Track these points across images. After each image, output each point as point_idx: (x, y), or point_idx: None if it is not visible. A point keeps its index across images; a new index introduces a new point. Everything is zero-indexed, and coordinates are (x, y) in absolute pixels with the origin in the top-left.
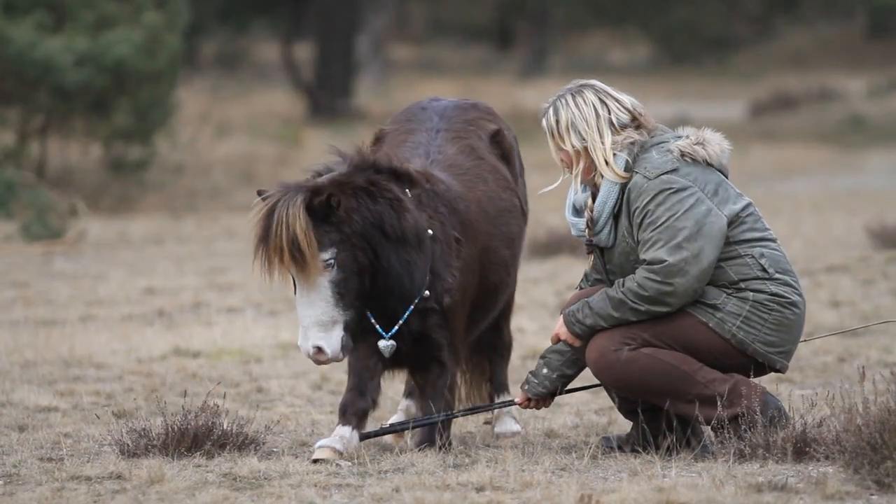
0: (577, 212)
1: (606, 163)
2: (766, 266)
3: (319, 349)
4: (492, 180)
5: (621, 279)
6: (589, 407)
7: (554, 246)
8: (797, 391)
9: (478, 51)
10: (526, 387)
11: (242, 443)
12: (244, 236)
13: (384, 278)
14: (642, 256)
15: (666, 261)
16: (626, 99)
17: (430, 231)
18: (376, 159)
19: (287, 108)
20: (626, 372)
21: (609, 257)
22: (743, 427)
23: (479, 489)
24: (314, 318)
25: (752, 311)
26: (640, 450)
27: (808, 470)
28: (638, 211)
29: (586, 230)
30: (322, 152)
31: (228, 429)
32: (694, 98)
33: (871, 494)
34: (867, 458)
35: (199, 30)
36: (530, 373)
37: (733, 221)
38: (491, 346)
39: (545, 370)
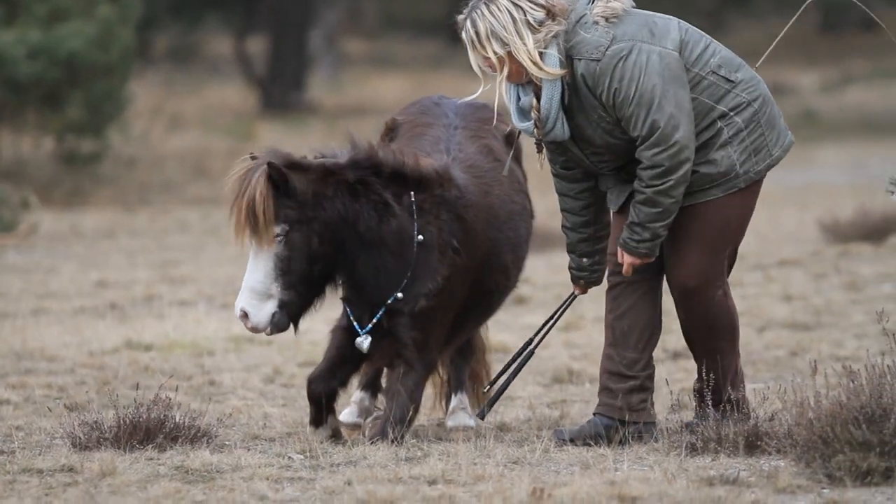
0: (524, 115)
1: (534, 63)
2: (726, 76)
3: (245, 315)
4: (507, 183)
5: (635, 184)
6: (541, 400)
7: None
8: (749, 385)
9: (430, 45)
10: (581, 281)
11: (195, 436)
12: (196, 229)
13: (350, 275)
14: (635, 133)
15: (658, 126)
16: None
17: (419, 237)
18: (381, 160)
19: (240, 101)
20: (709, 312)
21: (587, 144)
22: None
23: (432, 482)
24: (250, 284)
25: (752, 141)
26: (592, 443)
27: (760, 464)
28: (605, 94)
29: (535, 130)
30: (274, 145)
31: (181, 422)
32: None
33: (823, 488)
34: (819, 452)
35: (151, 23)
36: (571, 268)
37: (680, 47)
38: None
39: (585, 260)
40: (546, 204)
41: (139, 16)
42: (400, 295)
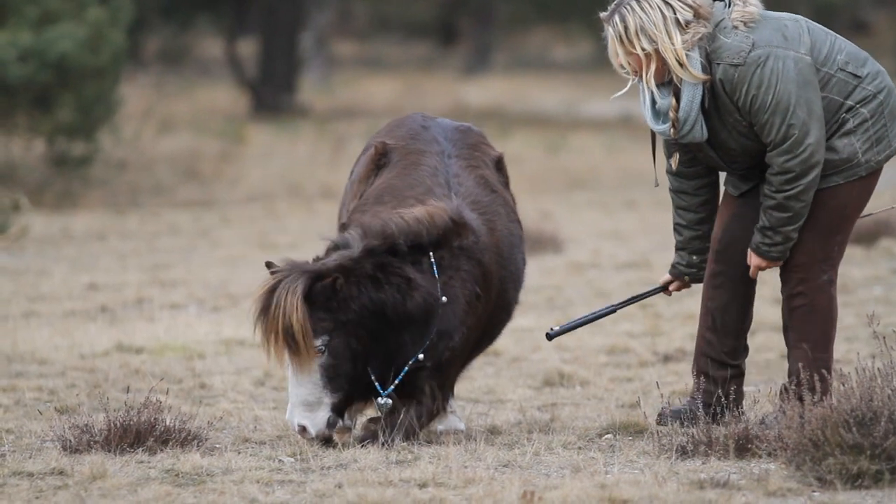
0: (659, 116)
1: (680, 64)
2: (853, 71)
3: (304, 429)
4: (504, 214)
5: (765, 189)
6: (531, 403)
7: None
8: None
9: (421, 47)
10: (686, 278)
11: (185, 439)
12: (187, 232)
13: (378, 349)
14: (768, 139)
15: (792, 133)
16: None
17: (443, 298)
18: (395, 235)
19: (230, 104)
20: (811, 296)
21: (723, 149)
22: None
23: (422, 485)
24: (301, 398)
25: (875, 131)
26: (690, 424)
27: (751, 467)
28: (742, 99)
29: (671, 131)
30: (265, 148)
31: (171, 425)
32: (637, 96)
33: (813, 491)
34: (809, 455)
35: (142, 26)
36: (679, 264)
37: (811, 51)
38: None
39: (695, 258)
40: (538, 206)
41: (130, 18)
42: (421, 356)
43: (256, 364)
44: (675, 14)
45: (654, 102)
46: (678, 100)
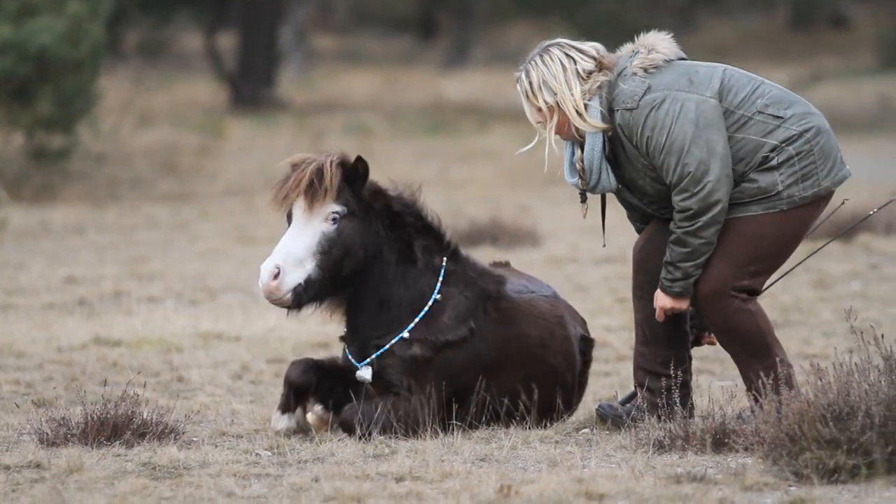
0: (573, 170)
1: (578, 113)
2: (774, 113)
3: (277, 272)
4: (551, 321)
5: (670, 224)
6: None
7: (476, 236)
8: (717, 382)
9: (401, 41)
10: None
11: (162, 432)
12: (166, 226)
13: (354, 305)
14: (667, 180)
15: (688, 172)
16: (589, 46)
17: (438, 296)
18: (422, 211)
19: (210, 97)
20: (728, 320)
21: (643, 194)
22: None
23: (399, 479)
24: (290, 248)
25: (802, 167)
26: (634, 423)
27: (728, 461)
28: (640, 142)
29: (579, 181)
30: (244, 141)
31: (148, 418)
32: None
33: (790, 486)
34: (786, 450)
35: (122, 19)
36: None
37: (721, 93)
38: None
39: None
40: (516, 200)
41: (109, 11)
42: (406, 335)
43: (234, 357)
44: (575, 65)
45: (572, 156)
46: (582, 150)
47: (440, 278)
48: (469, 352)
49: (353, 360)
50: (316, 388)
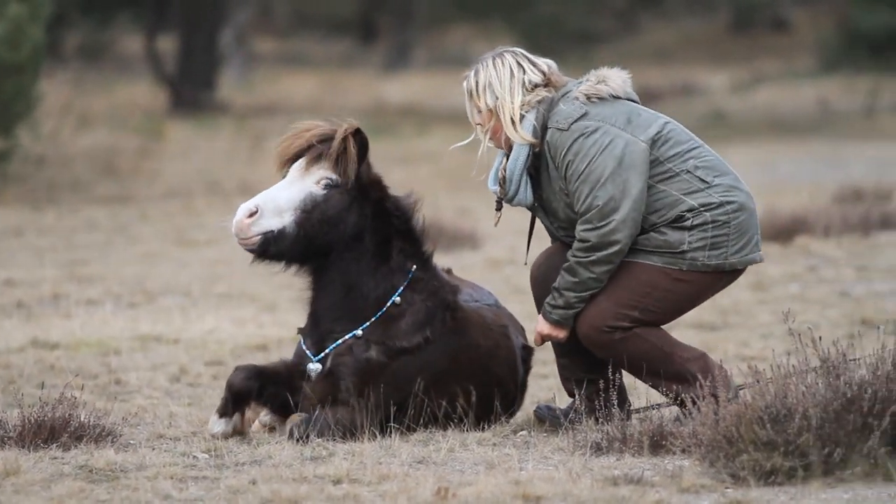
0: (496, 178)
1: (512, 122)
2: (703, 177)
3: (256, 211)
4: (495, 332)
5: (568, 252)
6: None
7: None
8: None
9: (341, 44)
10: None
11: (99, 435)
12: (105, 228)
13: (332, 287)
14: (576, 208)
15: (596, 205)
16: (542, 62)
17: (397, 299)
18: (409, 215)
19: (150, 100)
20: (614, 350)
21: (554, 217)
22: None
23: (337, 482)
24: (272, 195)
25: (714, 235)
26: (571, 425)
27: (665, 463)
28: (560, 164)
29: (499, 189)
30: (184, 144)
31: (86, 420)
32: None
33: (727, 488)
34: (723, 452)
35: (61, 21)
36: (548, 303)
37: (655, 142)
38: None
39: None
40: (455, 203)
41: (50, 14)
42: (360, 333)
43: (172, 360)
44: (524, 75)
45: (499, 164)
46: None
47: (405, 283)
48: (421, 360)
49: (308, 353)
50: (259, 393)
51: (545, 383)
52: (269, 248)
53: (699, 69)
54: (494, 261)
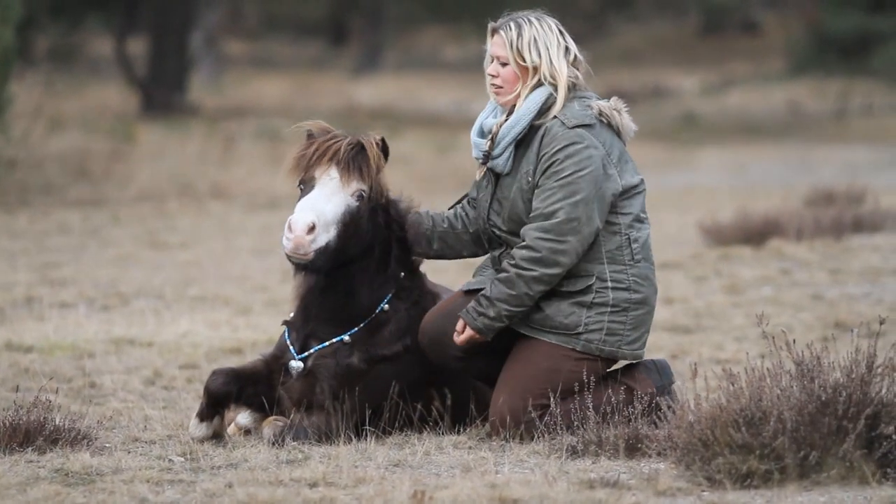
0: (483, 134)
1: (557, 76)
2: (634, 250)
3: (313, 226)
4: None
5: (505, 262)
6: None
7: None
8: None
9: (312, 47)
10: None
11: (75, 438)
12: (77, 231)
13: (336, 293)
14: (536, 207)
15: (560, 217)
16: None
17: (385, 306)
18: (405, 221)
19: (120, 103)
20: (532, 426)
21: (502, 188)
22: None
23: (313, 485)
24: (322, 209)
25: (611, 321)
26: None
27: (641, 466)
28: (547, 156)
29: (487, 143)
30: (155, 147)
31: (61, 424)
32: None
33: (703, 491)
34: (699, 455)
35: (32, 24)
36: (475, 309)
37: (625, 192)
38: None
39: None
40: (427, 206)
41: (19, 16)
42: (347, 338)
43: (146, 363)
44: (566, 44)
45: (486, 117)
46: (507, 120)
47: (393, 290)
48: (399, 367)
49: (291, 349)
50: (238, 396)
51: None
52: (318, 262)
53: (669, 72)
54: (468, 262)
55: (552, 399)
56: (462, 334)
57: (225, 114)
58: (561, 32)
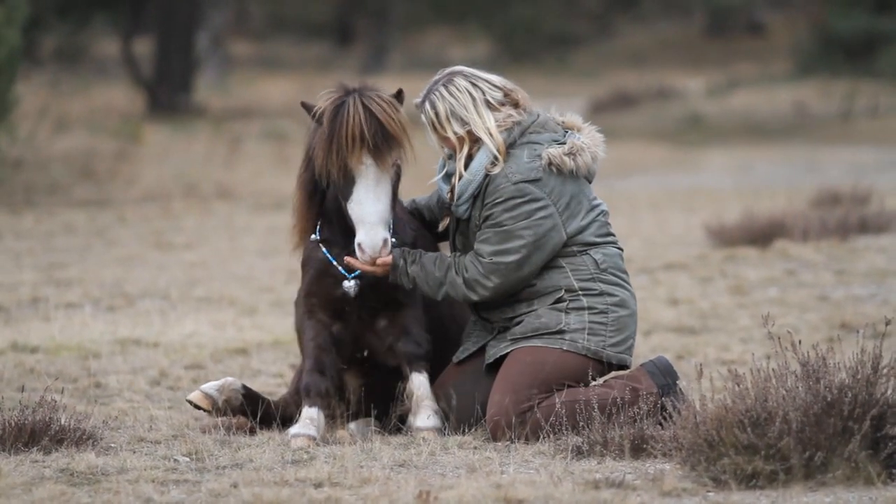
0: (448, 178)
1: (492, 137)
2: (599, 261)
3: (386, 241)
4: None
5: (464, 254)
6: None
7: None
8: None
9: (318, 47)
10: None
11: (80, 438)
12: (83, 232)
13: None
14: (474, 243)
15: (491, 259)
16: (495, 77)
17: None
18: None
19: (127, 103)
20: (531, 425)
21: (461, 228)
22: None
23: (318, 485)
24: (381, 215)
25: (590, 321)
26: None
27: (646, 467)
28: (488, 206)
29: (449, 195)
30: (161, 147)
31: (66, 424)
32: (534, 96)
33: (708, 491)
34: (704, 455)
35: (38, 24)
36: (405, 259)
37: (575, 235)
38: None
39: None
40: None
41: (26, 16)
42: (393, 240)
43: (152, 364)
44: (483, 95)
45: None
46: (466, 168)
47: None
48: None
49: (341, 269)
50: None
51: None
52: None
53: (675, 73)
54: None
55: (534, 393)
56: (378, 260)
57: (231, 114)
58: (473, 85)
